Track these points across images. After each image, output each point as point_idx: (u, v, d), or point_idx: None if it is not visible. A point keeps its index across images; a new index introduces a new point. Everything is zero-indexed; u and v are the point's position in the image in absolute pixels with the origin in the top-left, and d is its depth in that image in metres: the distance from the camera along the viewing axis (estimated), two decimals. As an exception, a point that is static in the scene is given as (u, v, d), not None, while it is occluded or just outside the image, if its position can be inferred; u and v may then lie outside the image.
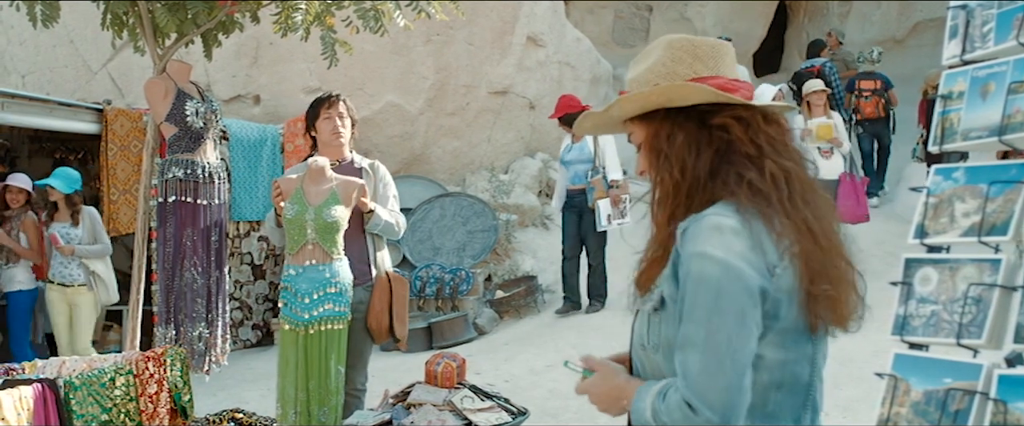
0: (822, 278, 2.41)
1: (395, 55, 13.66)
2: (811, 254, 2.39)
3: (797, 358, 2.47)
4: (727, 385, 2.27)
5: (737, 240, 2.32)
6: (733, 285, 2.30)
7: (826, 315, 2.47)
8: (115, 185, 10.21)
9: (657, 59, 2.55)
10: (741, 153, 2.45)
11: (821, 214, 2.47)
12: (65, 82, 14.81)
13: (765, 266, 2.34)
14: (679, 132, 2.49)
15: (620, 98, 2.56)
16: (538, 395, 8.52)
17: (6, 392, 4.95)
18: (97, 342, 11.22)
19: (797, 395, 2.51)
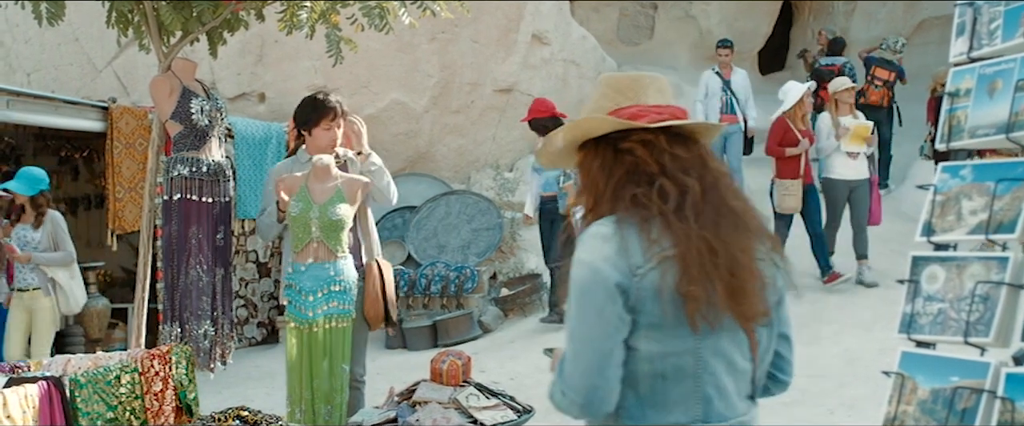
0: (696, 280, 2.59)
1: (400, 53, 13.65)
2: (687, 258, 2.59)
3: (678, 351, 2.66)
4: (586, 371, 2.60)
5: (605, 245, 2.64)
6: (594, 284, 2.61)
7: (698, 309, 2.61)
8: (120, 183, 10.20)
9: (591, 97, 2.91)
10: (644, 172, 2.72)
11: (716, 224, 2.68)
12: (70, 80, 14.82)
13: (628, 267, 2.61)
14: (597, 158, 2.82)
15: (549, 135, 2.95)
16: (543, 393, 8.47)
17: (11, 390, 4.94)
18: (102, 340, 11.25)
19: (683, 384, 2.69)
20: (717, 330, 2.69)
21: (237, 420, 5.65)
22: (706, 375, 2.71)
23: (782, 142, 11.74)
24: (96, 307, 11.29)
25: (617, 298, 2.60)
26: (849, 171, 11.75)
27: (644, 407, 2.69)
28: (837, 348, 9.55)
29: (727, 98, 14.77)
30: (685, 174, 2.73)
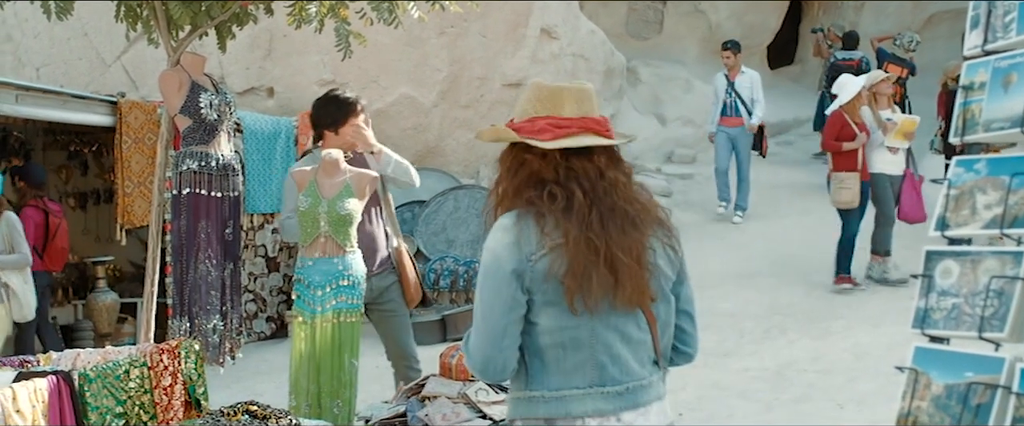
0: (574, 273, 3.08)
1: (409, 47, 13.63)
2: (568, 253, 3.08)
3: (573, 325, 3.14)
4: (484, 343, 3.12)
5: (505, 235, 3.13)
6: (495, 269, 3.11)
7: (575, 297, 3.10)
8: (129, 178, 10.20)
9: (522, 100, 3.33)
10: (539, 178, 3.19)
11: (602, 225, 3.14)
12: (79, 75, 14.82)
13: (523, 255, 3.09)
14: (508, 160, 3.29)
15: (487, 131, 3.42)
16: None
17: (21, 384, 4.93)
18: (111, 334, 11.26)
19: (580, 353, 3.16)
20: (605, 309, 3.15)
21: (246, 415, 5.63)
22: (599, 345, 3.17)
23: (839, 136, 11.49)
24: (105, 301, 11.33)
25: (512, 281, 3.09)
26: (890, 166, 11.63)
27: (548, 374, 3.17)
28: (846, 343, 9.54)
29: (731, 100, 14.63)
30: (575, 182, 3.18)
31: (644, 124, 17.27)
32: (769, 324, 10.35)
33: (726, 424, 7.75)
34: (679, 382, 8.68)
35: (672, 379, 8.72)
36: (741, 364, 9.17)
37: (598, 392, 3.16)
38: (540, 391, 3.17)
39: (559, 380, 3.16)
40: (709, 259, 12.97)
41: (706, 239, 13.68)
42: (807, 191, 15.71)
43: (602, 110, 12.07)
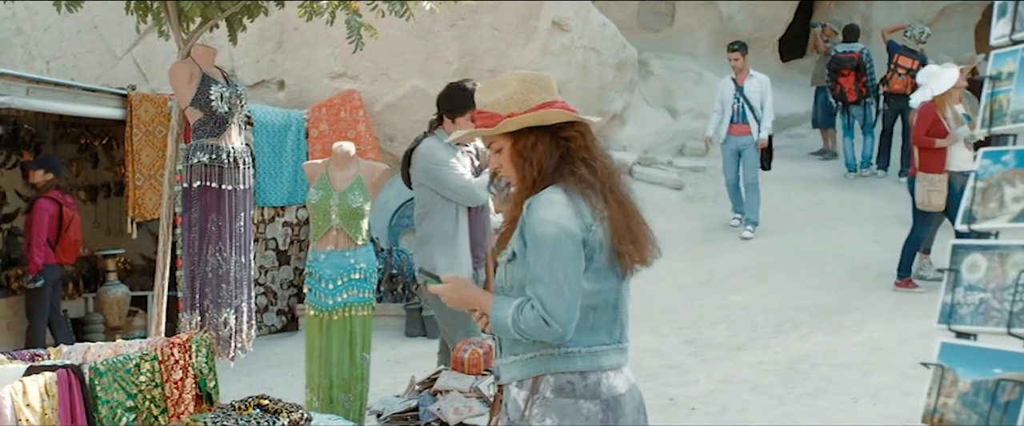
0: (624, 237, 3.49)
1: (420, 40, 13.59)
2: (616, 220, 3.49)
3: (606, 289, 3.52)
4: (566, 306, 3.38)
5: (565, 208, 3.43)
6: (565, 238, 3.40)
7: (630, 261, 3.52)
8: (140, 171, 10.19)
9: (515, 89, 3.58)
10: (577, 155, 3.55)
11: (625, 194, 3.60)
12: (90, 68, 14.81)
13: (584, 225, 3.44)
14: (540, 143, 3.55)
15: (510, 119, 3.55)
16: (565, 382, 8.45)
17: (31, 378, 4.91)
18: (121, 328, 11.24)
19: (607, 314, 3.56)
20: (628, 273, 3.57)
21: (257, 409, 5.60)
22: (622, 306, 3.60)
23: (930, 131, 10.78)
24: (116, 294, 11.31)
25: (581, 248, 3.43)
26: (969, 163, 10.45)
27: (580, 332, 3.49)
28: (859, 337, 9.49)
29: (739, 106, 13.77)
30: (603, 157, 3.61)
31: (655, 117, 17.22)
32: (782, 318, 10.29)
33: (739, 418, 7.70)
34: (691, 376, 8.67)
35: (685, 373, 8.73)
36: (754, 358, 9.12)
37: (617, 348, 3.58)
38: (576, 348, 3.49)
39: (590, 338, 3.51)
40: (721, 253, 12.94)
41: (717, 233, 13.66)
42: (819, 185, 15.67)
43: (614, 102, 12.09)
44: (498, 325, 3.50)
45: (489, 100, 3.61)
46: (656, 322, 10.25)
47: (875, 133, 16.43)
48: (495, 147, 3.65)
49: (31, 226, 9.88)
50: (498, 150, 3.64)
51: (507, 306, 3.46)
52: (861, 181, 15.95)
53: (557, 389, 3.50)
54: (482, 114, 3.62)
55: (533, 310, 3.39)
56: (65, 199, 10.24)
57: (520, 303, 3.43)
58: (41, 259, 9.80)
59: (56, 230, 9.98)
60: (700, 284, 11.75)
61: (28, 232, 9.92)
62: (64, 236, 10.07)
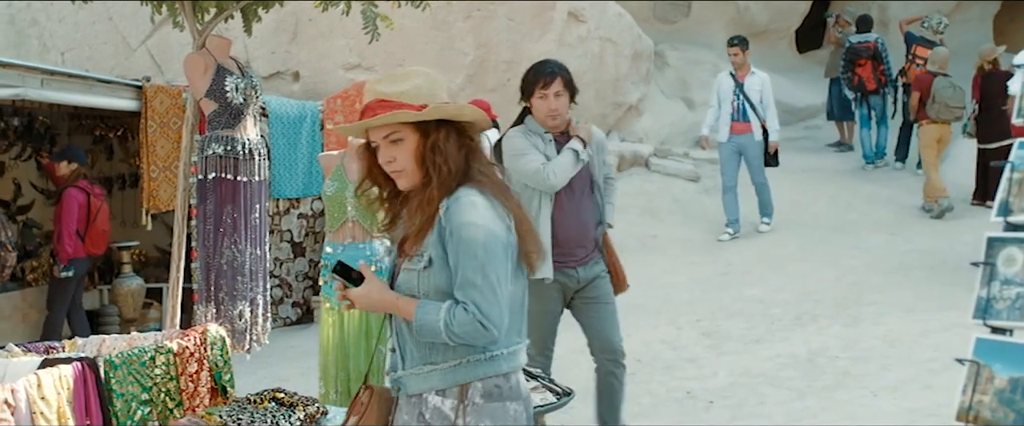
0: (528, 239, 3.50)
1: (435, 31, 13.56)
2: (521, 222, 3.48)
3: (518, 289, 3.52)
4: (501, 309, 3.32)
5: (487, 211, 3.37)
6: (494, 241, 3.35)
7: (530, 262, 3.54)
8: (155, 162, 10.15)
9: (421, 82, 3.49)
10: (477, 155, 3.50)
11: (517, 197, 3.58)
12: (104, 59, 14.81)
13: (505, 227, 3.40)
14: (451, 139, 3.46)
15: (436, 107, 3.44)
16: (580, 375, 8.37)
17: (46, 371, 4.87)
18: (136, 320, 11.22)
19: (520, 313, 3.54)
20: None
21: (273, 402, 5.55)
22: (524, 306, 3.59)
23: None
24: (131, 287, 11.29)
25: (507, 250, 3.40)
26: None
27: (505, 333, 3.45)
28: (878, 330, 9.41)
29: (740, 103, 13.20)
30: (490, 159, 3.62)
31: (671, 108, 17.17)
32: (799, 311, 10.22)
33: (758, 412, 7.64)
34: (709, 368, 8.61)
35: (702, 365, 8.66)
36: (771, 351, 9.05)
37: (524, 346, 3.59)
38: (499, 350, 3.44)
39: (508, 339, 3.46)
40: (737, 245, 12.89)
41: (735, 224, 13.58)
42: (836, 176, 15.61)
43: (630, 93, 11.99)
44: (426, 329, 3.38)
45: (394, 90, 3.48)
46: (673, 315, 10.19)
47: (890, 124, 16.35)
48: (392, 137, 3.47)
49: (61, 216, 9.84)
50: (395, 141, 3.47)
51: (435, 310, 3.37)
52: (879, 173, 15.88)
53: (486, 394, 3.44)
54: (385, 103, 3.46)
55: (468, 313, 3.33)
56: (93, 189, 10.22)
57: (450, 306, 3.36)
58: (71, 249, 9.76)
59: (85, 220, 9.95)
60: (717, 277, 11.68)
61: (58, 222, 9.88)
62: (92, 226, 10.04)
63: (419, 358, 3.48)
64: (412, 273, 3.46)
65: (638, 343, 9.26)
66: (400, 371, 3.53)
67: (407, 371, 3.50)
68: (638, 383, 8.25)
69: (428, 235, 3.42)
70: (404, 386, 3.52)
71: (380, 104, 3.45)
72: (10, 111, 10.54)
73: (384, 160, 3.50)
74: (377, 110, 3.45)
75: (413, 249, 3.47)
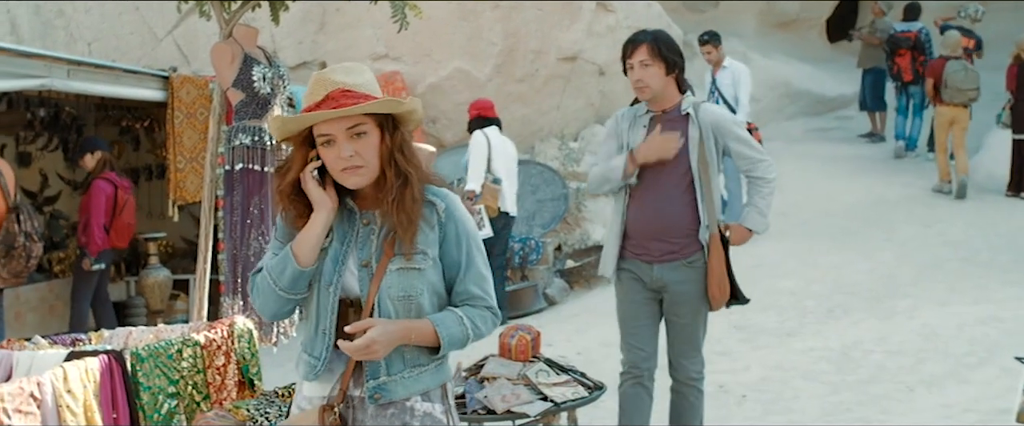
0: None
1: (463, 20, 13.50)
2: None
3: None
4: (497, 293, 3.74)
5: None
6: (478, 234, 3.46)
7: None
8: (181, 153, 10.09)
9: (372, 77, 3.36)
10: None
11: None
12: (131, 49, 14.81)
13: None
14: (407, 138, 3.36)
15: (413, 100, 3.37)
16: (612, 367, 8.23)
17: (72, 364, 4.83)
18: (163, 311, 11.19)
19: None
20: None
21: (301, 395, 5.50)
22: None
23: None
24: (157, 278, 11.25)
25: None
26: None
27: None
28: (913, 323, 9.30)
29: (714, 99, 12.83)
30: None
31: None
32: (832, 303, 10.11)
33: (791, 406, 7.54)
34: (742, 362, 8.52)
35: (735, 359, 8.58)
36: (805, 344, 8.95)
37: None
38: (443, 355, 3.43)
39: None
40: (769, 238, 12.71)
41: (765, 216, 13.43)
42: (868, 167, 15.46)
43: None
44: (456, 341, 3.32)
45: (353, 81, 3.29)
46: (704, 307, 10.09)
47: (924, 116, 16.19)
48: (357, 130, 3.24)
49: (88, 207, 9.79)
50: (360, 134, 3.24)
51: (455, 321, 3.33)
52: (912, 163, 15.72)
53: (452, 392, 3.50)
54: (350, 94, 3.24)
55: (487, 310, 3.40)
56: (120, 181, 10.17)
57: (463, 313, 3.36)
58: (99, 241, 9.72)
59: (110, 213, 9.91)
60: (749, 269, 11.48)
61: (85, 213, 9.82)
62: (118, 219, 9.99)
63: (408, 361, 3.35)
64: (411, 273, 3.31)
65: (669, 336, 9.17)
66: (382, 377, 3.32)
67: (392, 376, 3.32)
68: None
69: (420, 234, 3.32)
70: (386, 393, 3.32)
71: (345, 94, 3.24)
72: (36, 102, 10.50)
73: (342, 155, 3.23)
74: (342, 100, 3.22)
75: (408, 249, 3.30)
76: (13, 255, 8.86)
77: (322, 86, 3.28)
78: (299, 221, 3.35)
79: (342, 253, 3.36)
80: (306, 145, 3.34)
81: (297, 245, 3.32)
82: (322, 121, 3.25)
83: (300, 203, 3.36)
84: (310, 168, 3.31)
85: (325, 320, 3.36)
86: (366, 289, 3.32)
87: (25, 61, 8.34)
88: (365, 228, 3.37)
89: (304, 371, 3.44)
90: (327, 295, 3.35)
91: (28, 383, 4.53)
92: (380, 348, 3.20)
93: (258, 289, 3.44)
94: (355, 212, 3.40)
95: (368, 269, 3.33)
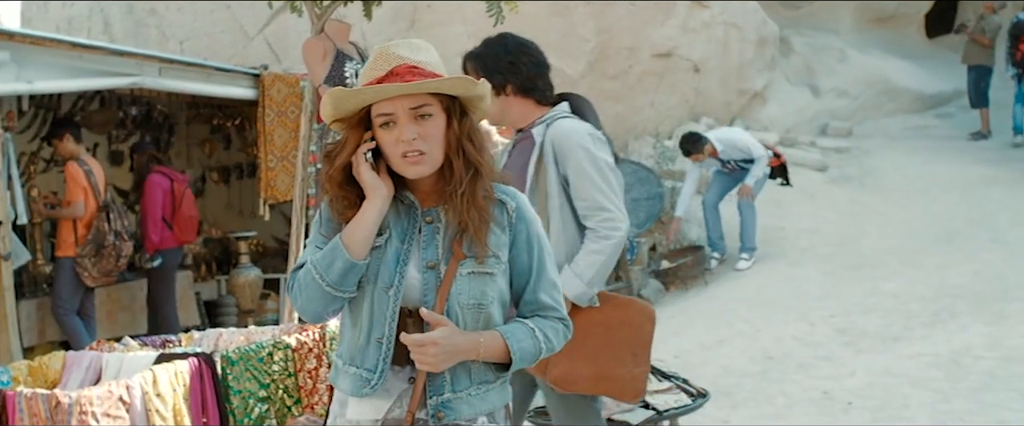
0: None
1: (555, 17, 13.39)
2: None
3: None
4: None
5: None
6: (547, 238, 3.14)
7: None
8: (272, 152, 10.05)
9: (437, 57, 2.99)
10: None
11: None
12: (222, 48, 14.89)
13: None
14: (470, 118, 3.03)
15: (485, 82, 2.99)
16: (710, 372, 8.12)
17: (161, 367, 4.78)
18: (254, 311, 11.16)
19: None
20: None
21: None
22: None
23: None
24: (248, 278, 11.22)
25: None
26: None
27: None
28: (1019, 336, 8.95)
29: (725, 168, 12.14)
30: None
31: (797, 95, 16.74)
32: (938, 306, 9.77)
33: (900, 414, 7.25)
34: (848, 368, 8.27)
35: (839, 364, 8.31)
36: (912, 349, 8.64)
37: None
38: None
39: None
40: (868, 237, 12.47)
41: (865, 216, 13.15)
42: (972, 164, 15.02)
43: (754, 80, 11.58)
44: (528, 357, 2.99)
45: (421, 58, 2.95)
46: (805, 310, 9.84)
47: None
48: (423, 111, 2.90)
49: (144, 204, 9.76)
50: (423, 115, 2.90)
51: (527, 335, 2.99)
52: (1018, 162, 15.22)
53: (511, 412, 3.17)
54: (416, 70, 2.91)
55: (560, 321, 3.09)
56: (174, 174, 10.17)
57: (535, 324, 3.02)
58: (157, 237, 9.68)
59: (170, 207, 9.87)
60: (849, 270, 11.27)
61: (143, 210, 9.79)
62: (179, 212, 9.95)
63: (475, 377, 3.00)
64: (483, 278, 2.96)
65: (770, 339, 8.94)
66: (447, 393, 2.96)
67: (458, 393, 2.97)
68: (771, 382, 7.94)
69: (490, 235, 2.97)
70: (451, 412, 2.95)
71: (411, 70, 2.89)
72: (128, 100, 10.54)
73: (405, 137, 2.87)
74: (408, 76, 2.87)
75: (480, 250, 2.95)
76: (103, 254, 8.88)
77: (385, 61, 2.93)
78: (349, 212, 2.96)
79: (404, 252, 2.98)
80: (360, 127, 2.97)
81: (348, 235, 2.91)
82: (384, 98, 2.89)
83: (351, 191, 2.97)
84: (363, 149, 2.94)
85: (380, 328, 2.96)
86: (431, 294, 2.95)
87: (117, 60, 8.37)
88: (428, 226, 2.99)
89: (352, 386, 3.00)
90: (385, 299, 2.95)
91: (117, 386, 4.49)
92: (435, 354, 2.86)
93: (300, 286, 2.98)
94: (416, 207, 3.01)
95: (434, 272, 2.96)
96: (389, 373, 2.95)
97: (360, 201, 2.94)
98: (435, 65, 2.95)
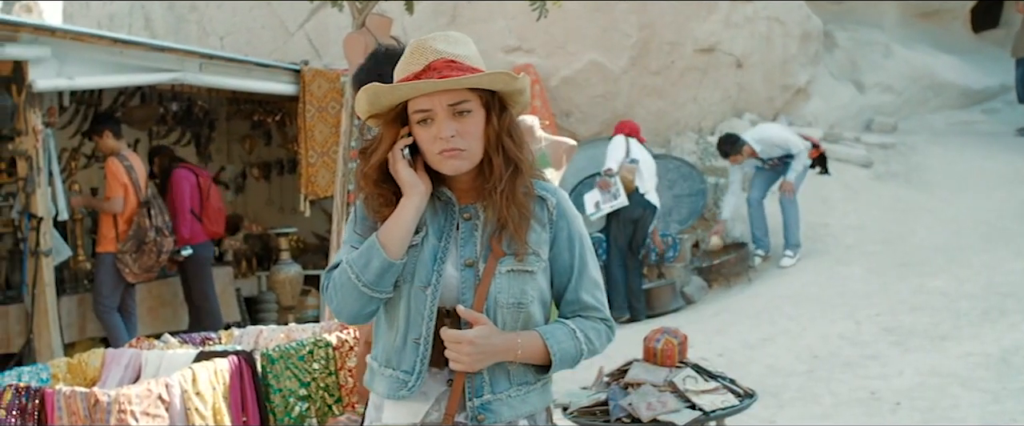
0: None
1: (597, 12, 13.30)
2: None
3: None
4: None
5: None
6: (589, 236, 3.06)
7: None
8: (313, 147, 10.05)
9: (475, 50, 2.91)
10: None
11: None
12: (262, 43, 14.89)
13: None
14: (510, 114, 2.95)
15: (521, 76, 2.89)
16: (755, 371, 8.01)
17: (201, 365, 4.73)
18: (294, 307, 11.14)
19: None
20: None
21: (435, 398, 5.31)
22: None
23: None
24: (288, 274, 11.23)
25: None
26: None
27: None
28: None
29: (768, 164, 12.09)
30: None
31: (841, 91, 16.56)
32: (987, 305, 9.59)
33: (950, 415, 7.11)
34: (895, 367, 8.14)
35: (886, 364, 8.16)
36: (961, 349, 8.48)
37: None
38: None
39: None
40: (915, 234, 12.30)
41: (911, 212, 12.98)
42: (1019, 160, 14.80)
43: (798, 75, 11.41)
44: (568, 358, 2.91)
45: (459, 51, 2.87)
46: (851, 308, 9.69)
47: None
48: (461, 107, 2.82)
49: (172, 199, 9.76)
50: (462, 111, 2.82)
51: (568, 336, 2.91)
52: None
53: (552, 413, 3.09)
54: (454, 64, 2.84)
55: (603, 322, 3.00)
56: (198, 169, 10.24)
57: (576, 325, 2.93)
58: (188, 232, 9.67)
59: (198, 200, 9.88)
60: (895, 267, 11.11)
61: (171, 205, 9.78)
62: (207, 204, 10.00)
63: (514, 378, 2.92)
64: (523, 276, 2.89)
65: (815, 338, 8.81)
66: (486, 395, 2.88)
67: (498, 395, 2.88)
68: (818, 381, 7.82)
69: (531, 233, 2.89)
70: (491, 415, 2.87)
71: (449, 65, 2.82)
72: (169, 96, 10.56)
73: (442, 134, 2.80)
74: (446, 71, 2.80)
75: (520, 247, 2.87)
76: (144, 250, 8.89)
77: (422, 55, 2.85)
78: (385, 210, 2.88)
79: (441, 250, 2.90)
80: (397, 123, 2.90)
81: (384, 234, 2.84)
82: (421, 94, 2.81)
83: (387, 189, 2.90)
84: (400, 145, 2.87)
85: (418, 328, 2.87)
86: (469, 293, 2.87)
87: (158, 55, 8.38)
88: (466, 223, 2.92)
89: (388, 389, 2.92)
90: (422, 299, 2.87)
91: (156, 385, 4.46)
92: (470, 353, 2.79)
93: (335, 286, 2.91)
94: (453, 204, 2.94)
95: (473, 270, 2.88)
96: (427, 375, 2.87)
97: (396, 199, 2.87)
98: (473, 59, 2.89)
